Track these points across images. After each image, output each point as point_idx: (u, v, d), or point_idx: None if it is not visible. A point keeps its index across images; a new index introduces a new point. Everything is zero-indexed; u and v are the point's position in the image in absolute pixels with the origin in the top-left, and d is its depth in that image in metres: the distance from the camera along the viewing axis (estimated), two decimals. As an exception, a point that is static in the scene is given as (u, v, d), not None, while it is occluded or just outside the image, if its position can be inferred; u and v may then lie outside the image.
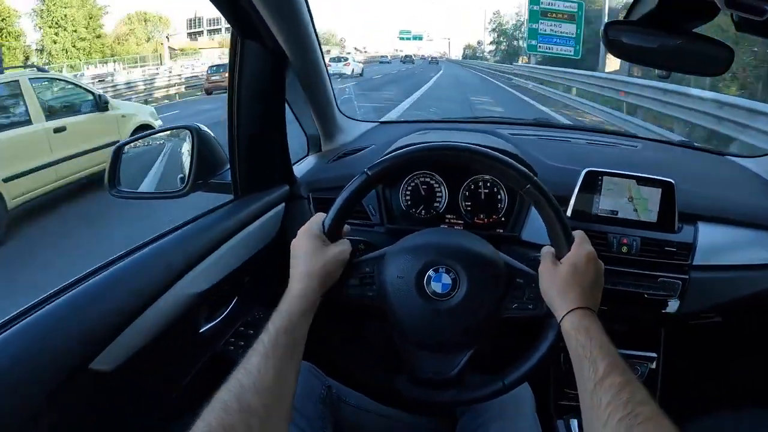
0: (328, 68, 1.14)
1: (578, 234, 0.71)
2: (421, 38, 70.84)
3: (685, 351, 1.20)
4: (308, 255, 0.68)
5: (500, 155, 0.73)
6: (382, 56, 62.00)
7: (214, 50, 31.96)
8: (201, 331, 0.87)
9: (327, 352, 0.74)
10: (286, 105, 1.06)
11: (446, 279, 0.71)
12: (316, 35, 0.99)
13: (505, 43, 44.22)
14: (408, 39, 67.79)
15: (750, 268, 1.03)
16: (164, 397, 0.82)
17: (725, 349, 1.27)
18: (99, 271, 0.72)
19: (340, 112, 1.28)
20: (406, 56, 54.88)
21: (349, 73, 21.21)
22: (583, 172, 1.02)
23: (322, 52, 1.04)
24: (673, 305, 1.02)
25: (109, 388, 0.67)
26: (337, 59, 23.62)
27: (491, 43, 47.87)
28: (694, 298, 1.02)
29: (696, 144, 1.53)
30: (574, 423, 1.11)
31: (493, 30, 46.64)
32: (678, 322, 1.07)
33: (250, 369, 0.55)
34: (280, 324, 0.60)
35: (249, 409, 0.51)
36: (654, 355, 1.13)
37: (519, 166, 0.72)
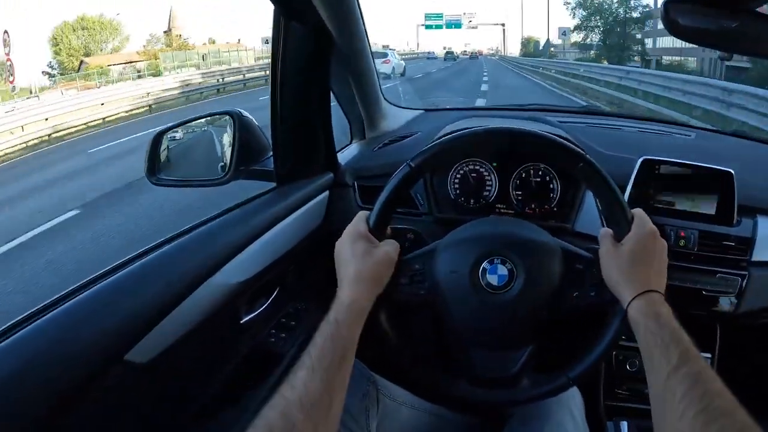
0: None
1: (637, 212, 0.67)
2: (458, 25, 50.12)
3: (741, 352, 1.14)
4: (356, 258, 0.65)
5: (549, 135, 0.70)
6: (429, 51, 58.53)
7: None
8: (242, 322, 0.85)
9: (374, 347, 0.71)
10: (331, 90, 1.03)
11: (502, 270, 0.67)
12: (362, 16, 0.96)
13: (600, 28, 28.10)
14: (438, 27, 48.82)
15: None
16: (203, 389, 0.80)
17: None
18: (136, 259, 0.70)
19: (385, 98, 1.24)
20: (447, 53, 50.73)
21: (389, 72, 17.23)
22: (639, 161, 0.97)
23: (367, 35, 1.01)
24: (731, 303, 0.97)
25: (144, 379, 0.65)
26: (375, 55, 18.77)
27: (579, 28, 30.43)
28: (754, 296, 0.97)
29: (752, 135, 1.46)
30: (624, 425, 1.06)
31: (579, 5, 29.01)
32: (735, 321, 1.02)
33: (295, 384, 0.52)
34: (328, 333, 0.57)
35: (294, 426, 0.48)
36: (708, 355, 1.08)
37: (570, 145, 0.68)
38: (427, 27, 50.13)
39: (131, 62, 27.87)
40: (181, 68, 23.92)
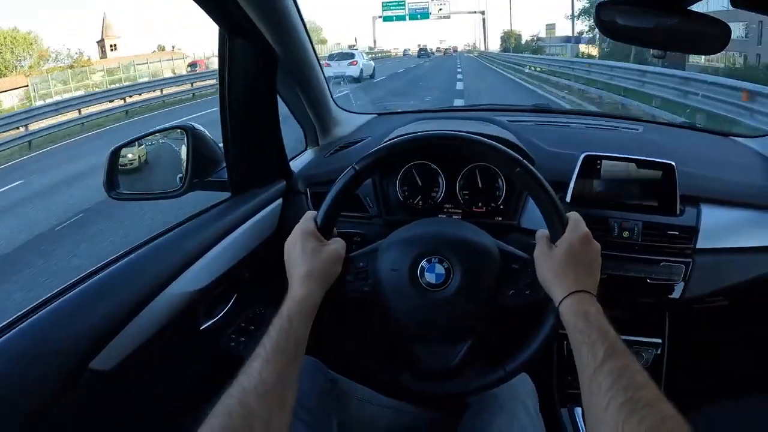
0: (326, 68, 1.13)
1: (572, 215, 0.71)
2: (425, 15, 41.69)
3: (690, 336, 1.18)
4: (306, 256, 0.68)
5: (488, 140, 0.73)
6: (405, 49, 55.82)
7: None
8: (201, 328, 0.87)
9: (331, 346, 0.74)
10: (281, 100, 1.06)
11: (439, 269, 0.70)
12: (306, 29, 0.98)
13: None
14: (399, 18, 40.06)
15: (756, 251, 1.01)
16: (167, 394, 0.83)
17: (732, 334, 1.25)
18: (97, 272, 0.73)
19: (336, 104, 1.27)
20: (421, 50, 48.22)
21: (357, 74, 14.57)
22: (582, 156, 1.00)
23: (313, 46, 1.04)
24: (677, 290, 1.01)
25: (110, 387, 0.68)
26: (340, 56, 15.93)
27: (582, 13, 28.20)
28: (699, 282, 1.00)
29: (699, 125, 1.50)
30: (578, 411, 1.10)
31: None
32: (683, 306, 1.06)
33: (252, 373, 0.55)
34: (281, 327, 0.61)
35: (251, 413, 0.52)
36: (659, 341, 1.12)
37: (507, 150, 0.71)
38: (386, 19, 41.08)
39: (14, 88, 20.68)
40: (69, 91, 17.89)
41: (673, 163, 0.99)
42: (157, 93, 15.53)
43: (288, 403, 0.57)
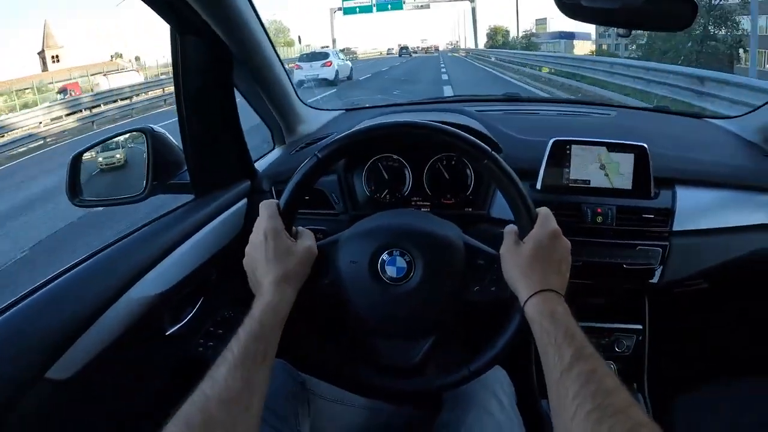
0: (296, 71, 1.10)
1: (542, 210, 0.68)
2: (398, 5, 33.88)
3: (672, 320, 1.17)
4: (279, 258, 0.65)
5: (456, 130, 0.70)
6: (389, 48, 56.61)
7: None
8: (167, 333, 0.85)
9: (297, 346, 0.72)
10: (244, 99, 1.04)
11: (401, 262, 0.69)
12: (262, 25, 0.96)
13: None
14: (364, 10, 33.07)
15: (733, 231, 1.00)
16: (131, 403, 0.81)
17: (713, 316, 1.24)
18: (54, 278, 0.71)
19: (302, 101, 1.25)
20: (402, 48, 49.15)
21: (332, 77, 13.13)
22: (550, 142, 0.99)
23: (272, 43, 1.02)
24: (656, 274, 0.99)
25: (69, 397, 0.65)
26: (311, 57, 14.38)
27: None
28: (677, 265, 0.99)
29: (673, 109, 1.49)
30: None
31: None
32: (662, 291, 1.04)
33: (217, 378, 0.53)
34: (252, 331, 0.58)
35: (212, 421, 0.49)
36: (640, 327, 1.10)
37: (475, 140, 0.69)
38: (347, 11, 34.17)
39: None
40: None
41: (645, 146, 0.97)
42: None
43: (255, 409, 0.54)
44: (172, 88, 0.93)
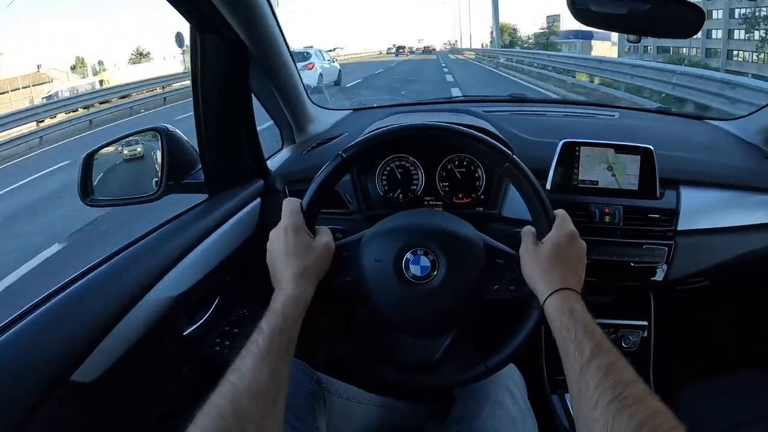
0: None
1: (559, 213, 0.70)
2: None
3: (676, 317, 1.20)
4: (299, 252, 0.66)
5: (477, 133, 0.72)
6: (389, 47, 52.86)
7: None
8: (184, 334, 0.85)
9: (315, 344, 0.73)
10: (255, 98, 1.04)
11: (425, 261, 0.70)
12: (279, 25, 0.97)
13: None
14: None
15: (735, 231, 1.03)
16: (152, 403, 0.81)
17: (715, 313, 1.27)
18: (75, 281, 0.71)
19: (312, 101, 1.26)
20: (398, 48, 48.02)
21: (314, 83, 11.50)
22: (560, 144, 1.01)
23: (287, 42, 1.02)
24: (660, 272, 1.02)
25: (93, 398, 0.65)
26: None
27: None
28: (681, 263, 1.02)
29: (674, 110, 1.52)
30: (569, 397, 1.11)
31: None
32: (666, 288, 1.07)
33: (244, 372, 0.53)
34: (275, 325, 0.59)
35: (244, 414, 0.50)
36: (645, 323, 1.13)
37: (496, 143, 0.71)
38: None
39: None
40: None
41: (652, 148, 1.00)
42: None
43: (280, 404, 0.55)
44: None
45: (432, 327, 0.73)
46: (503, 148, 0.70)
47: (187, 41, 0.89)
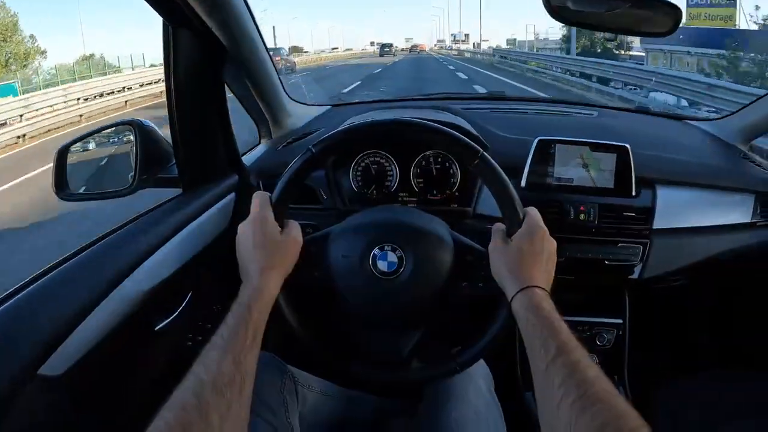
0: None
1: (530, 210, 0.70)
2: None
3: (651, 315, 1.21)
4: (267, 245, 0.67)
5: (447, 129, 0.72)
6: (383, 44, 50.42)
7: None
8: (156, 328, 0.85)
9: (286, 339, 0.73)
10: (232, 94, 1.03)
11: (392, 257, 0.70)
12: (254, 20, 0.96)
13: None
14: None
15: (711, 230, 1.04)
16: (122, 397, 0.81)
17: (690, 311, 1.28)
18: (44, 274, 0.70)
19: (289, 97, 1.25)
20: (384, 46, 46.51)
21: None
22: (535, 141, 1.01)
23: (262, 38, 1.02)
24: (636, 270, 1.02)
25: (61, 393, 0.65)
26: None
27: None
28: (657, 262, 1.02)
29: (654, 109, 1.53)
30: None
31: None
32: (641, 286, 1.08)
33: (208, 364, 0.54)
34: (240, 316, 0.60)
35: (208, 406, 0.50)
36: (620, 321, 1.14)
37: (467, 140, 0.71)
38: None
39: None
40: None
41: (628, 146, 1.00)
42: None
43: (246, 392, 0.56)
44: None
45: (400, 322, 0.73)
46: (473, 144, 0.70)
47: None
